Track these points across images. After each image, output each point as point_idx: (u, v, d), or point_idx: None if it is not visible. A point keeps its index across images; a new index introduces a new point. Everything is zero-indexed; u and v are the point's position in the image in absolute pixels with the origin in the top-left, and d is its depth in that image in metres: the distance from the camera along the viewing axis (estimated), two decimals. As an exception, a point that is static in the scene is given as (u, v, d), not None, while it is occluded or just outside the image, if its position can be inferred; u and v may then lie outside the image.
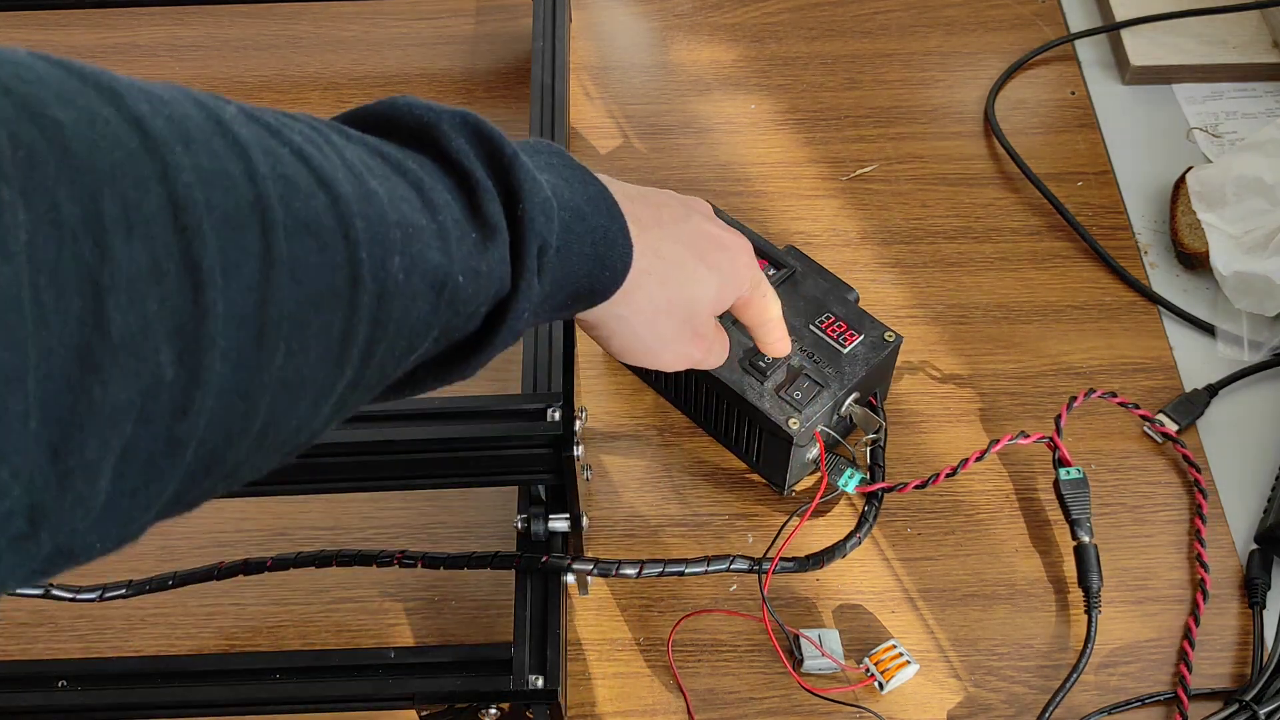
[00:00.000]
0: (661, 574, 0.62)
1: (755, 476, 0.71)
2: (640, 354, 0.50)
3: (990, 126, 0.88)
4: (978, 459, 0.66)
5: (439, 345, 0.37)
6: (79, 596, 0.61)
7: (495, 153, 0.38)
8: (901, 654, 0.63)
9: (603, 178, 0.47)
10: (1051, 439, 0.67)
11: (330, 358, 0.31)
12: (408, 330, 0.34)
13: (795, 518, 0.67)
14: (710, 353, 0.54)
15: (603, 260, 0.44)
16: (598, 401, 0.74)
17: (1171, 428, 0.72)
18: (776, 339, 0.58)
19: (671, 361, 0.52)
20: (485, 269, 0.37)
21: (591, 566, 0.61)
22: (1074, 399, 0.70)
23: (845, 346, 0.67)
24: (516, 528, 0.62)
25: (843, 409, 0.67)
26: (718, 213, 0.73)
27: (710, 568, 0.63)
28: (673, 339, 0.50)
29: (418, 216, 0.34)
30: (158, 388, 0.25)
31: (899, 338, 0.67)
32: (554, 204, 0.40)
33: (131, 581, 0.62)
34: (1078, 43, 0.94)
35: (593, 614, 0.66)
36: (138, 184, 0.25)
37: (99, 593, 0.62)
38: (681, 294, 0.49)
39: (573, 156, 0.45)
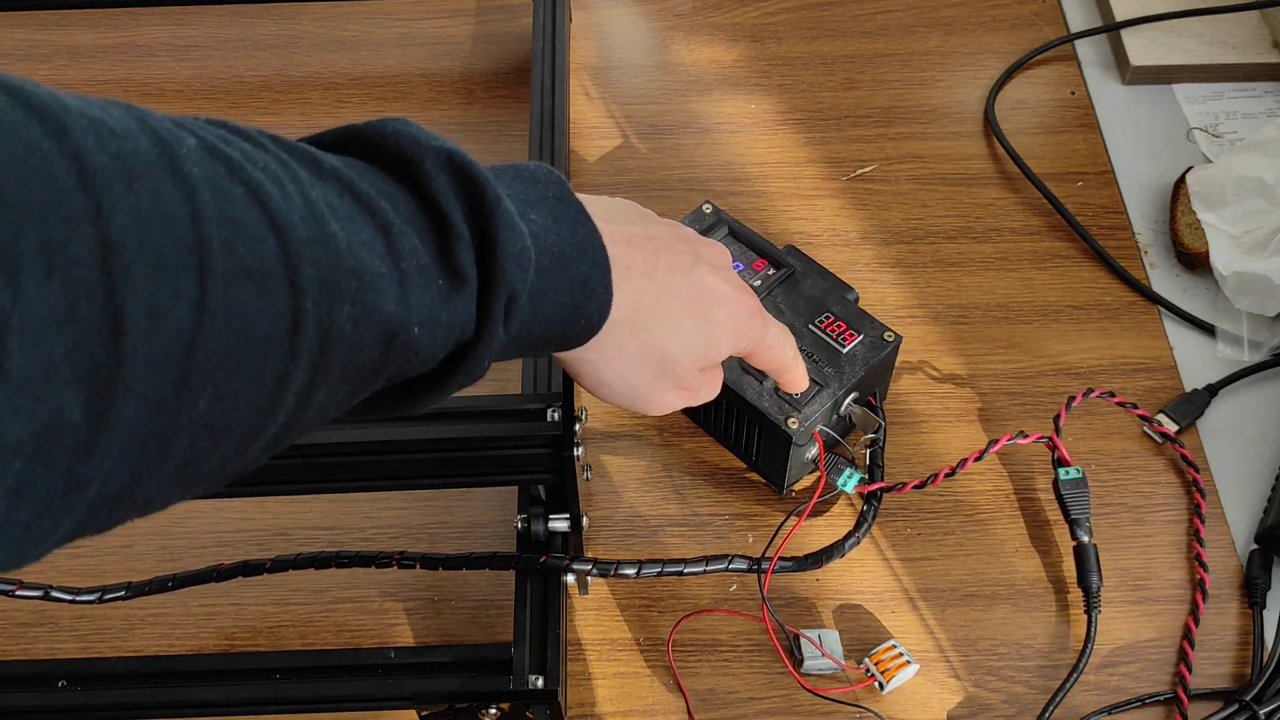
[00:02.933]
0: (661, 574, 0.62)
1: (755, 476, 0.71)
2: (607, 397, 0.48)
3: (990, 126, 0.88)
4: (977, 459, 0.66)
5: (391, 382, 0.37)
6: (79, 598, 0.61)
7: (476, 197, 0.37)
8: (901, 654, 0.63)
9: (609, 211, 0.45)
10: (1051, 439, 0.67)
11: (262, 402, 0.30)
12: (352, 375, 0.33)
13: (793, 517, 0.67)
14: (694, 399, 0.51)
15: (579, 309, 0.42)
16: (598, 401, 0.74)
17: (1171, 428, 0.72)
18: (789, 381, 0.57)
19: (644, 408, 0.49)
20: (447, 319, 0.36)
21: (591, 566, 0.61)
22: (1072, 399, 0.70)
23: (845, 346, 0.67)
24: (516, 528, 0.62)
25: (842, 408, 0.67)
26: (717, 212, 0.73)
27: (709, 567, 0.63)
28: (644, 388, 0.48)
29: (378, 264, 0.33)
30: (58, 429, 0.25)
31: (898, 337, 0.67)
32: (531, 253, 0.39)
33: (131, 583, 0.62)
34: (1078, 43, 0.94)
35: (593, 614, 0.66)
36: (66, 224, 0.24)
37: (99, 594, 0.61)
38: (656, 347, 0.47)
39: (570, 190, 0.43)
